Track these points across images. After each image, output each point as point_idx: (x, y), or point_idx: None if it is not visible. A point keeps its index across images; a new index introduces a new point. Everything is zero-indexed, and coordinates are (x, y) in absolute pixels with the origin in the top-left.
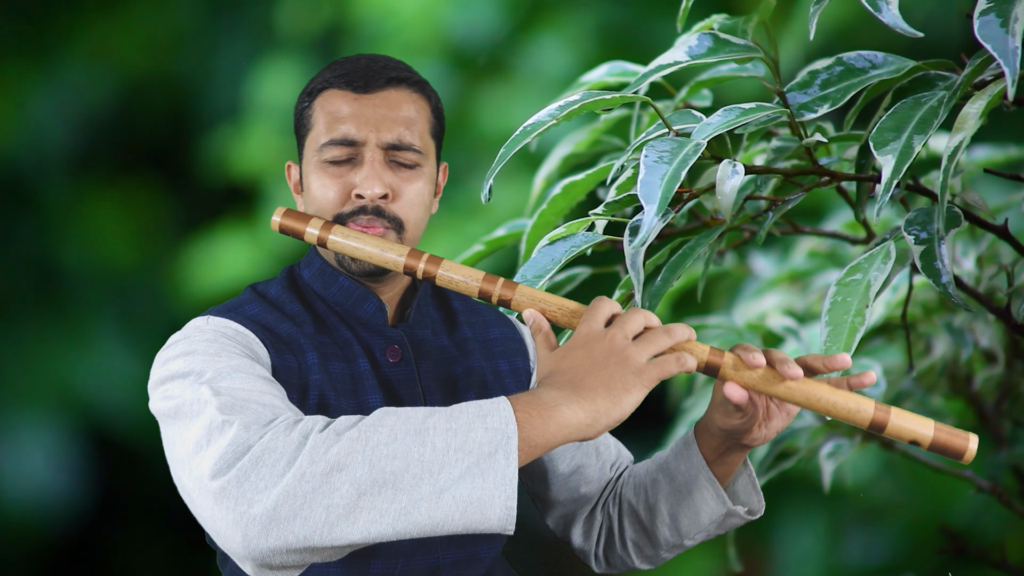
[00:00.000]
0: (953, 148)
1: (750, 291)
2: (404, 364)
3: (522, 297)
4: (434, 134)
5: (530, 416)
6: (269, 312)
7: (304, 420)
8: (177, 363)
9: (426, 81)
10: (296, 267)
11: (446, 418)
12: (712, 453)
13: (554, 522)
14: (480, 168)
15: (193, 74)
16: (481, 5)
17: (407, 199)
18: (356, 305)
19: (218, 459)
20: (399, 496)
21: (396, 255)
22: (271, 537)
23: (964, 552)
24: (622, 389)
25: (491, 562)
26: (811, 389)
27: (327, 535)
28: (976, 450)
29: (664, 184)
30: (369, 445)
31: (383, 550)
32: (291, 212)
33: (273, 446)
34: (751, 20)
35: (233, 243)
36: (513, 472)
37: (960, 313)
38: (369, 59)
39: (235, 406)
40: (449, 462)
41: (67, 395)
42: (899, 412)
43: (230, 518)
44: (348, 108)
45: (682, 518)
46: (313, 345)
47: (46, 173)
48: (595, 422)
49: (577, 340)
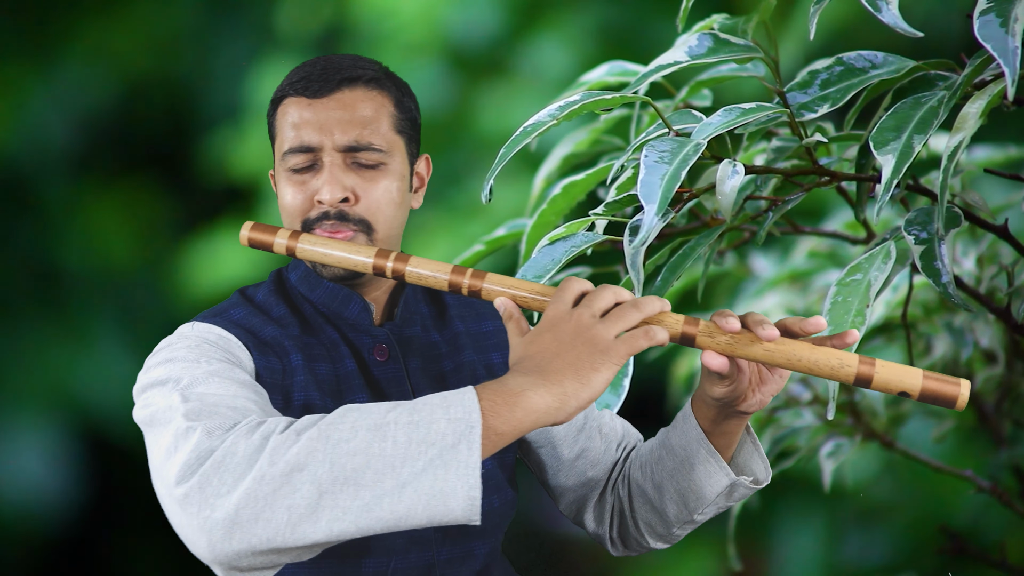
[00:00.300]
0: (953, 148)
1: (750, 291)
2: (392, 362)
3: (491, 285)
4: (399, 129)
5: (495, 404)
6: (255, 316)
7: (267, 422)
8: (157, 371)
9: (387, 75)
10: (284, 270)
11: (408, 411)
12: (709, 424)
13: (567, 508)
14: (480, 168)
15: (193, 74)
16: (481, 5)
17: (372, 199)
18: (341, 306)
19: (182, 466)
20: (361, 492)
21: (364, 257)
22: (234, 541)
23: (964, 552)
24: (590, 369)
25: (486, 558)
26: (791, 349)
27: (290, 536)
28: (968, 396)
29: (664, 184)
30: (330, 443)
31: (376, 548)
32: (258, 225)
33: (234, 450)
34: (751, 20)
35: (233, 243)
36: (476, 462)
37: (960, 313)
38: (326, 61)
39: (202, 412)
40: (411, 455)
41: (66, 395)
42: (884, 364)
43: (195, 523)
44: (304, 115)
45: (688, 493)
46: (298, 347)
47: (46, 173)
48: (564, 405)
49: (544, 323)
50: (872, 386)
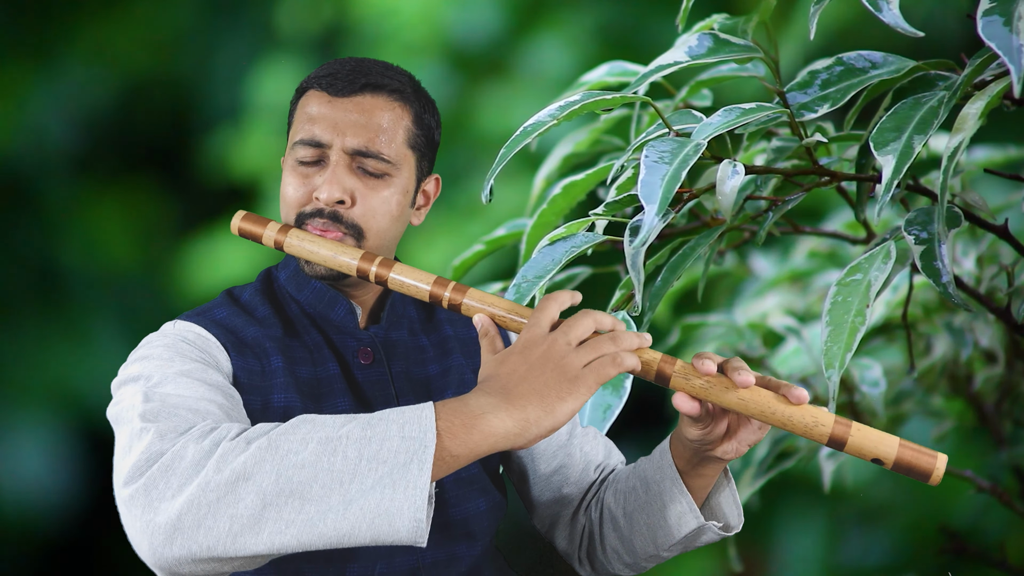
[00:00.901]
0: (953, 148)
1: (750, 291)
2: (376, 366)
3: (471, 301)
4: (413, 144)
5: (452, 425)
6: (237, 316)
7: (220, 427)
8: (132, 368)
9: (414, 89)
10: (274, 269)
11: (363, 426)
12: (685, 464)
13: (540, 523)
14: (480, 168)
15: (193, 74)
16: (481, 5)
17: (369, 206)
18: (327, 308)
19: (132, 466)
20: (306, 507)
21: (349, 259)
22: (175, 546)
23: (964, 552)
24: (556, 397)
25: (473, 561)
26: (766, 401)
27: (230, 546)
28: (944, 470)
29: (664, 184)
30: (279, 454)
31: (361, 553)
32: (250, 216)
33: (183, 454)
34: (751, 20)
35: (233, 243)
36: (425, 483)
37: (960, 313)
38: (356, 62)
39: (160, 412)
40: (361, 472)
41: (66, 395)
42: (861, 428)
43: (138, 526)
44: (321, 110)
45: (657, 528)
46: (280, 348)
47: (46, 173)
48: (524, 431)
49: (517, 344)
50: (845, 449)
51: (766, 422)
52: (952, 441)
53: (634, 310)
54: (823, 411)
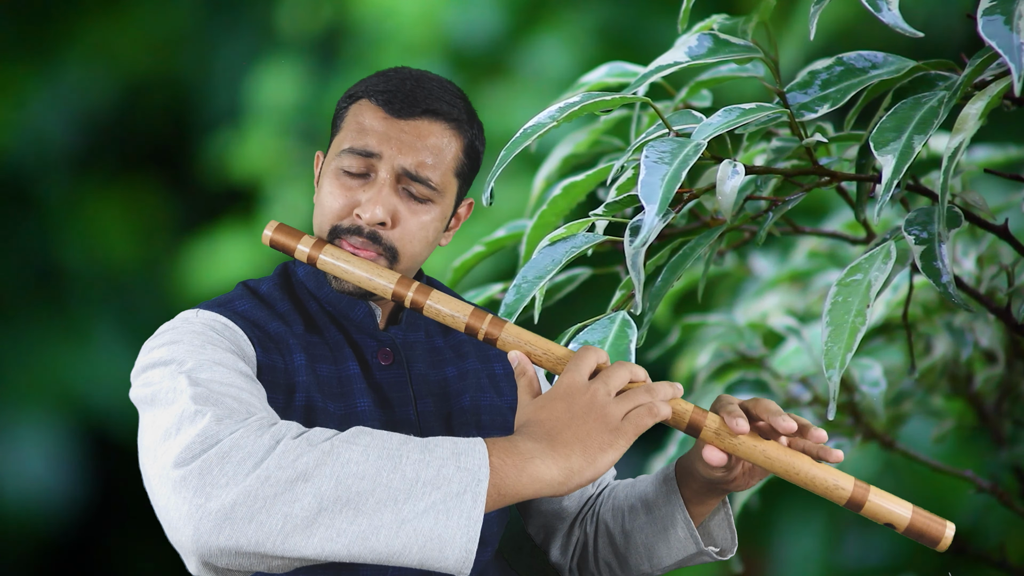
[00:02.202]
0: (953, 149)
1: (750, 291)
2: (395, 367)
3: (508, 336)
4: (459, 173)
5: (504, 463)
6: (259, 309)
7: (279, 424)
8: (160, 351)
9: (468, 116)
10: (291, 264)
11: (420, 448)
12: (691, 493)
13: (535, 533)
14: (480, 168)
15: (193, 74)
16: (481, 5)
17: (408, 230)
18: (348, 307)
19: (185, 448)
20: (359, 519)
21: (386, 282)
22: (222, 536)
23: (964, 552)
24: (598, 448)
25: (482, 566)
26: (792, 461)
27: (280, 544)
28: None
29: (664, 184)
30: (340, 461)
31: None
32: (283, 227)
33: (243, 444)
34: (751, 20)
35: (233, 244)
36: (479, 515)
37: (960, 313)
38: (415, 81)
39: (210, 398)
40: (416, 493)
41: (66, 394)
42: (878, 492)
43: (185, 509)
44: (376, 125)
45: (654, 549)
46: (302, 345)
47: (47, 173)
48: (568, 480)
49: (559, 390)
50: (862, 512)
51: (789, 480)
52: (952, 441)
53: (634, 310)
54: (844, 476)
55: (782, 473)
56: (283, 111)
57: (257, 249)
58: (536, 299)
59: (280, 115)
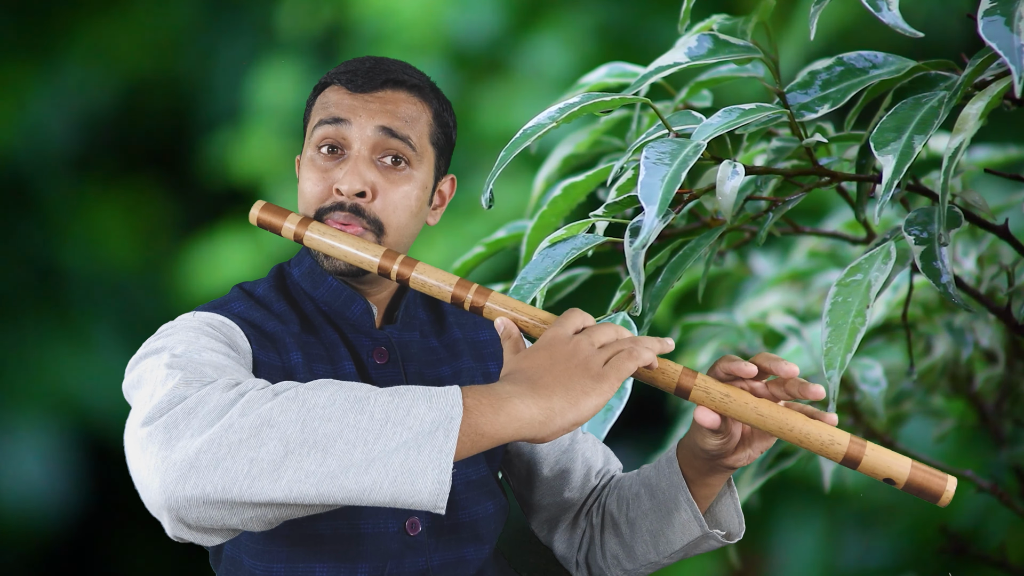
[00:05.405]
0: (954, 149)
1: (751, 291)
2: (391, 366)
3: (494, 304)
4: (433, 140)
5: (480, 403)
6: (255, 310)
7: (245, 381)
8: (154, 343)
9: (431, 88)
10: (286, 265)
11: (390, 392)
12: (694, 473)
13: (538, 527)
14: (480, 168)
15: (193, 74)
16: (481, 5)
17: (390, 200)
18: (344, 306)
19: (152, 408)
20: (328, 460)
21: (371, 255)
22: (188, 485)
23: (964, 552)
24: (580, 391)
25: (481, 564)
26: (784, 417)
27: (247, 489)
28: (953, 493)
29: (664, 185)
30: (306, 406)
31: (371, 553)
32: (269, 206)
33: (208, 399)
34: (751, 21)
35: (233, 245)
36: (451, 449)
37: (960, 313)
38: (375, 60)
39: (186, 366)
40: (386, 433)
41: (65, 396)
42: (875, 448)
43: (151, 463)
44: (343, 100)
45: (660, 536)
46: (298, 344)
47: (47, 173)
48: (549, 420)
49: (542, 342)
50: (859, 468)
51: (783, 438)
52: (952, 441)
53: (634, 311)
54: (839, 431)
55: (776, 431)
56: (283, 111)
57: (257, 250)
58: (536, 300)
59: (280, 115)
